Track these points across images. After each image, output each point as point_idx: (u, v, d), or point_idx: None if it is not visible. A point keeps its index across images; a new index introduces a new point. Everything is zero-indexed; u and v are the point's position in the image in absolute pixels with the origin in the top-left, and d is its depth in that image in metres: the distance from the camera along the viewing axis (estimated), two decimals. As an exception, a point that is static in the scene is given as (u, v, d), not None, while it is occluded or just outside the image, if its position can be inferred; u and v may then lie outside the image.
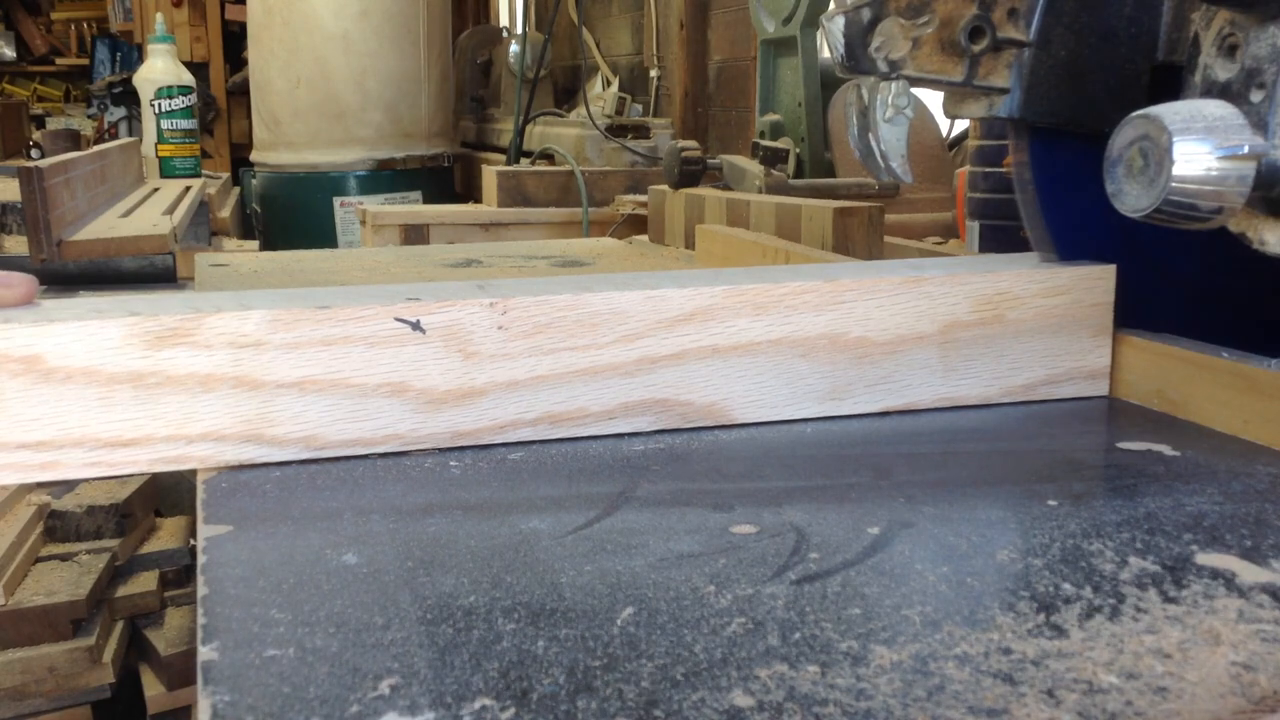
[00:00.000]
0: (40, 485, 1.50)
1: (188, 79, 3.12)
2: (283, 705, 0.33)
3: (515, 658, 0.36)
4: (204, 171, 3.19)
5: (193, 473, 0.53)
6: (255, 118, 3.39)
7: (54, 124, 5.17)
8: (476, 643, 0.37)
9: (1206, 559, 0.44)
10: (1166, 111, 0.49)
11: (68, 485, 1.52)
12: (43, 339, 0.49)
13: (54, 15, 6.52)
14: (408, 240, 1.99)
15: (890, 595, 0.41)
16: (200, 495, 0.50)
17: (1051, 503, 0.50)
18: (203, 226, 2.25)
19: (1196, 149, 0.48)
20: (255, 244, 2.52)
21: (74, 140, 3.47)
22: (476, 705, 0.33)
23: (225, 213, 2.65)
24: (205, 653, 0.36)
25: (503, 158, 2.90)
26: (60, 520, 1.48)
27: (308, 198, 3.15)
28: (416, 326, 0.54)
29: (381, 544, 0.45)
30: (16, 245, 1.63)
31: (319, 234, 3.02)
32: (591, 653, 0.36)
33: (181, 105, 3.05)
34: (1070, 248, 0.68)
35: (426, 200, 3.14)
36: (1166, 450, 0.57)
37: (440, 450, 0.56)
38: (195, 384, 0.51)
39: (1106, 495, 0.52)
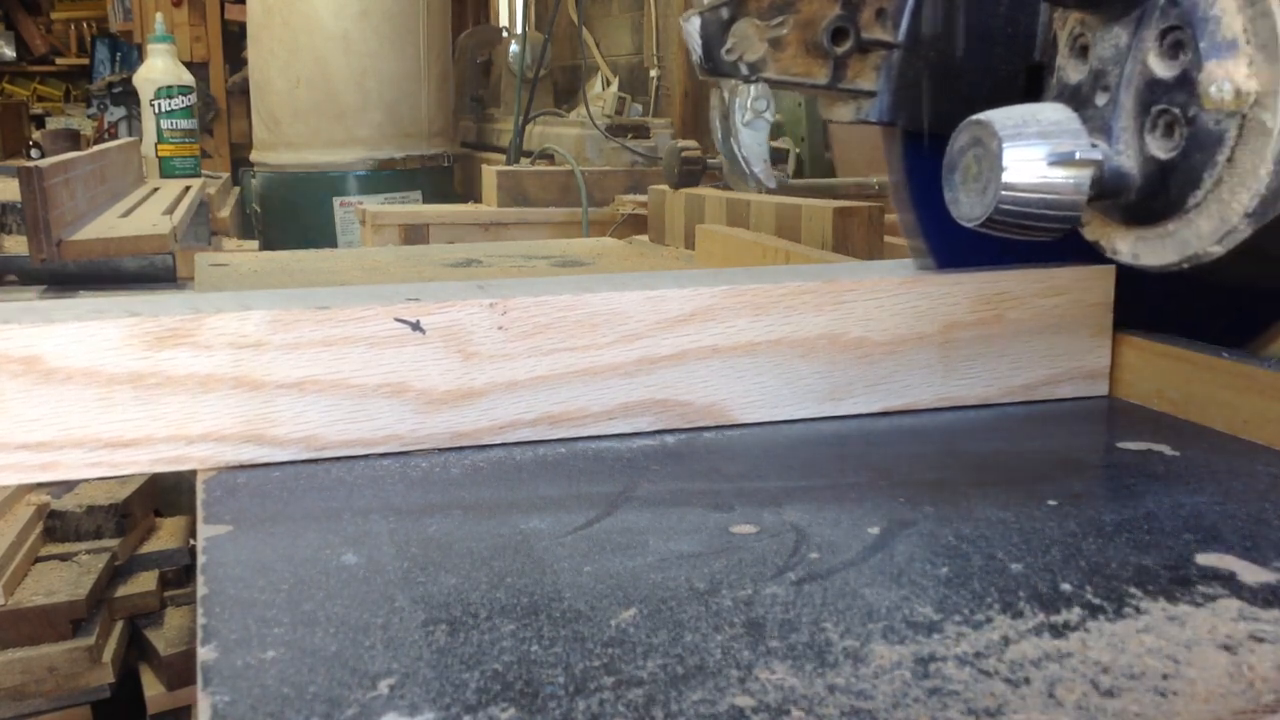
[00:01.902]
0: (40, 485, 1.50)
1: (188, 79, 3.12)
2: (282, 705, 0.33)
3: (515, 658, 0.36)
4: (204, 171, 3.20)
5: (193, 473, 0.53)
6: (255, 118, 3.39)
7: (54, 124, 5.17)
8: (476, 643, 0.37)
9: (1206, 559, 0.44)
10: (998, 116, 0.46)
11: (67, 485, 1.52)
12: (43, 339, 0.49)
13: (54, 15, 6.52)
14: (408, 240, 1.99)
15: (890, 595, 0.41)
16: (200, 495, 0.50)
17: (1051, 503, 0.50)
18: (203, 226, 2.25)
19: (1027, 155, 0.45)
20: (255, 244, 2.52)
21: (74, 140, 3.47)
22: (476, 705, 0.33)
23: (225, 213, 2.65)
24: (205, 653, 0.36)
25: (503, 158, 2.90)
26: (60, 520, 1.48)
27: (308, 198, 3.15)
28: (416, 327, 0.54)
29: (381, 544, 0.45)
30: (16, 245, 1.63)
31: (319, 234, 3.02)
32: (591, 653, 0.36)
33: (181, 105, 3.05)
34: (948, 255, 0.66)
35: (426, 200, 3.14)
36: (1166, 450, 0.57)
37: (440, 450, 0.56)
38: (195, 384, 0.51)
39: (1106, 495, 0.52)
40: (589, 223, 2.12)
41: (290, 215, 3.19)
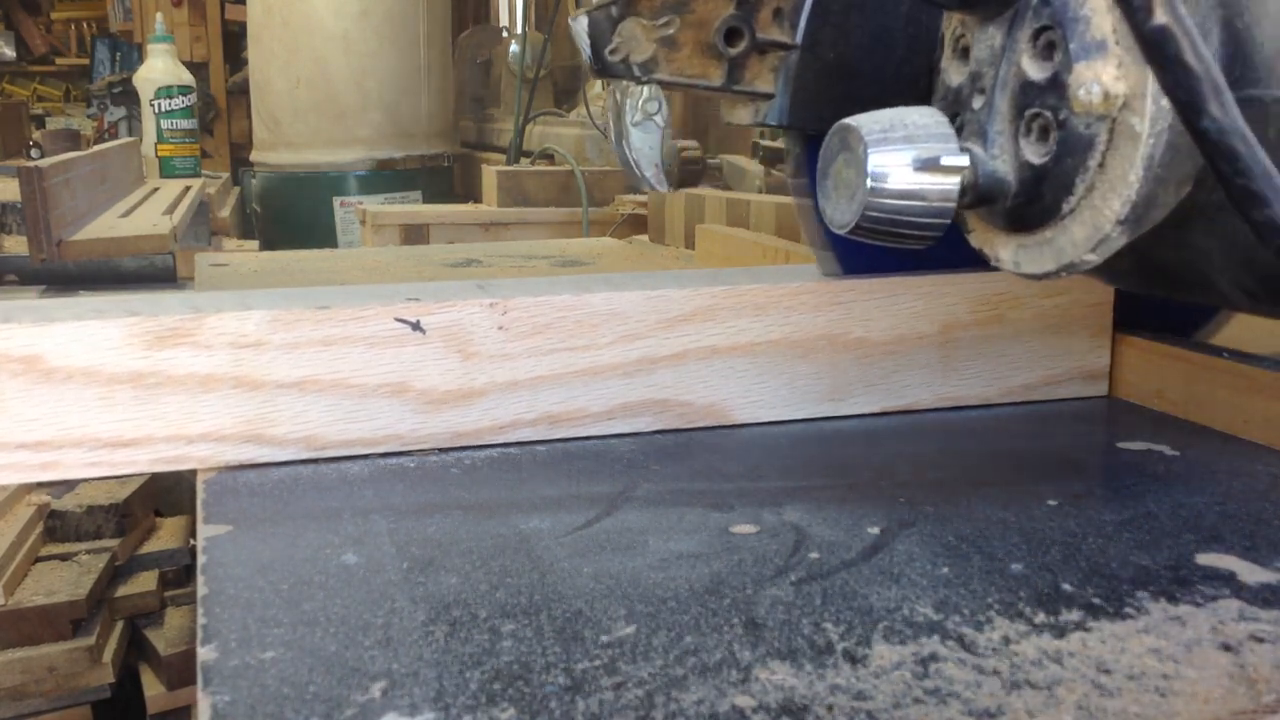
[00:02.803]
0: (40, 485, 1.50)
1: (187, 79, 3.12)
2: (282, 705, 0.33)
3: (515, 658, 0.36)
4: (204, 171, 3.20)
5: (193, 473, 0.53)
6: (255, 118, 3.39)
7: (54, 124, 5.17)
8: (476, 643, 0.37)
9: (1206, 559, 0.44)
10: (866, 120, 0.44)
11: (68, 485, 1.52)
12: (43, 339, 0.49)
13: (54, 15, 6.52)
14: (408, 240, 1.99)
15: (890, 595, 0.41)
16: (200, 495, 0.50)
17: (1051, 503, 0.50)
18: (203, 226, 2.25)
19: (893, 160, 0.43)
20: (255, 244, 2.52)
21: (74, 140, 3.47)
22: (476, 705, 0.33)
23: (225, 213, 2.65)
24: (205, 653, 0.36)
25: (503, 158, 2.90)
26: (60, 520, 1.48)
27: (308, 198, 3.15)
28: (416, 327, 0.54)
29: (381, 544, 0.45)
30: (16, 245, 1.63)
31: (319, 234, 3.02)
32: (591, 653, 0.36)
33: (181, 105, 3.05)
34: (854, 259, 0.65)
35: (426, 200, 3.14)
36: (1166, 450, 0.57)
37: (440, 450, 0.56)
38: (195, 384, 0.51)
39: (1106, 495, 0.52)
40: (589, 223, 2.12)
41: (290, 215, 3.19)
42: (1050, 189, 0.43)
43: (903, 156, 0.43)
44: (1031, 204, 0.44)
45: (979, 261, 0.48)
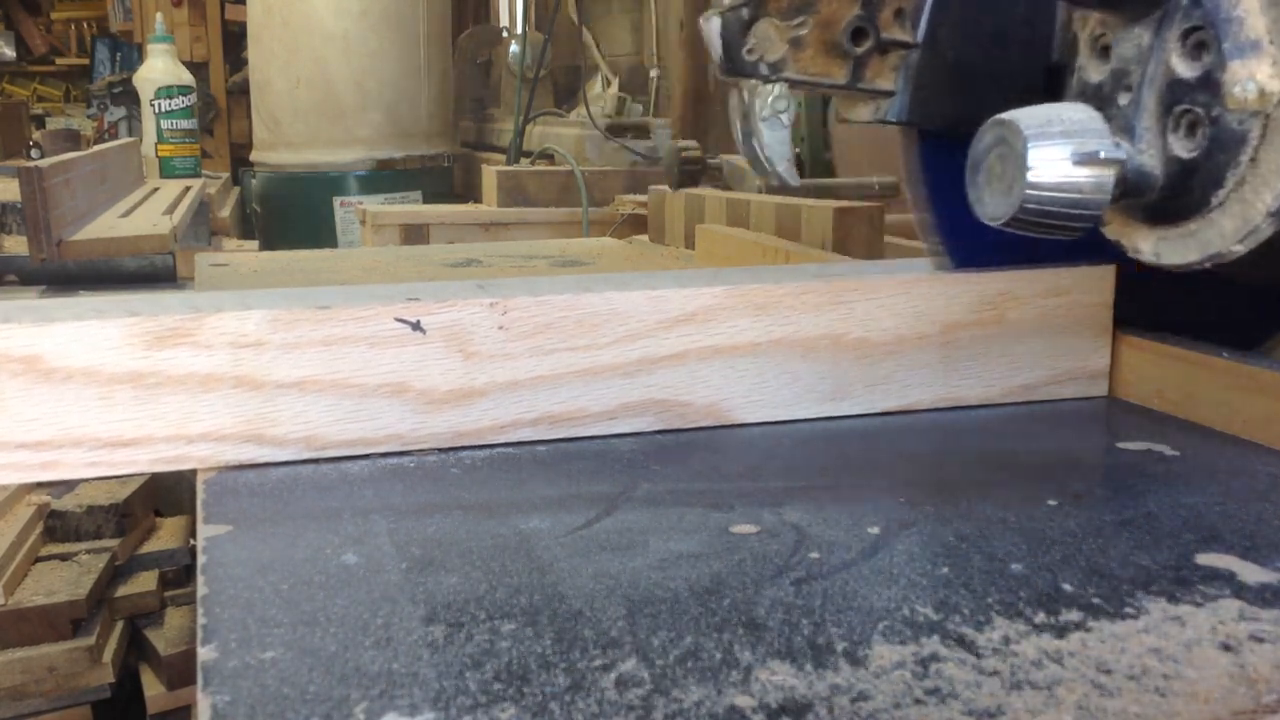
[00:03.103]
0: (40, 485, 1.50)
1: (187, 79, 3.12)
2: (283, 705, 0.33)
3: (515, 658, 0.36)
4: (204, 171, 3.20)
5: (193, 473, 0.53)
6: (255, 118, 3.39)
7: (54, 124, 5.17)
8: (476, 643, 0.37)
9: (1206, 559, 0.44)
10: (1023, 116, 0.46)
11: (68, 485, 1.52)
12: (43, 339, 0.49)
13: (54, 15, 6.52)
14: (408, 240, 1.99)
15: (890, 595, 0.41)
16: (200, 495, 0.50)
17: (1051, 503, 0.50)
18: (203, 226, 2.25)
19: (1052, 155, 0.45)
20: (255, 244, 2.52)
21: (74, 140, 3.47)
22: (476, 706, 0.33)
23: (225, 213, 2.65)
24: (205, 653, 0.36)
25: (503, 158, 2.90)
26: (60, 520, 1.48)
27: (308, 198, 3.15)
28: (417, 327, 0.54)
29: (381, 544, 0.45)
30: (16, 245, 1.63)
31: (319, 234, 3.02)
32: (591, 653, 0.36)
33: (181, 105, 3.05)
34: (964, 255, 0.66)
35: (426, 200, 3.14)
36: (1166, 450, 0.57)
37: (440, 450, 0.56)
38: (195, 384, 0.51)
39: (1106, 495, 0.52)
40: (589, 223, 2.12)
41: (290, 215, 3.19)
42: (1198, 182, 0.44)
43: (1061, 150, 0.45)
44: (1177, 197, 0.46)
45: (1074, 255, 0.50)
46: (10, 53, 6.43)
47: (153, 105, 3.04)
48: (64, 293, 1.53)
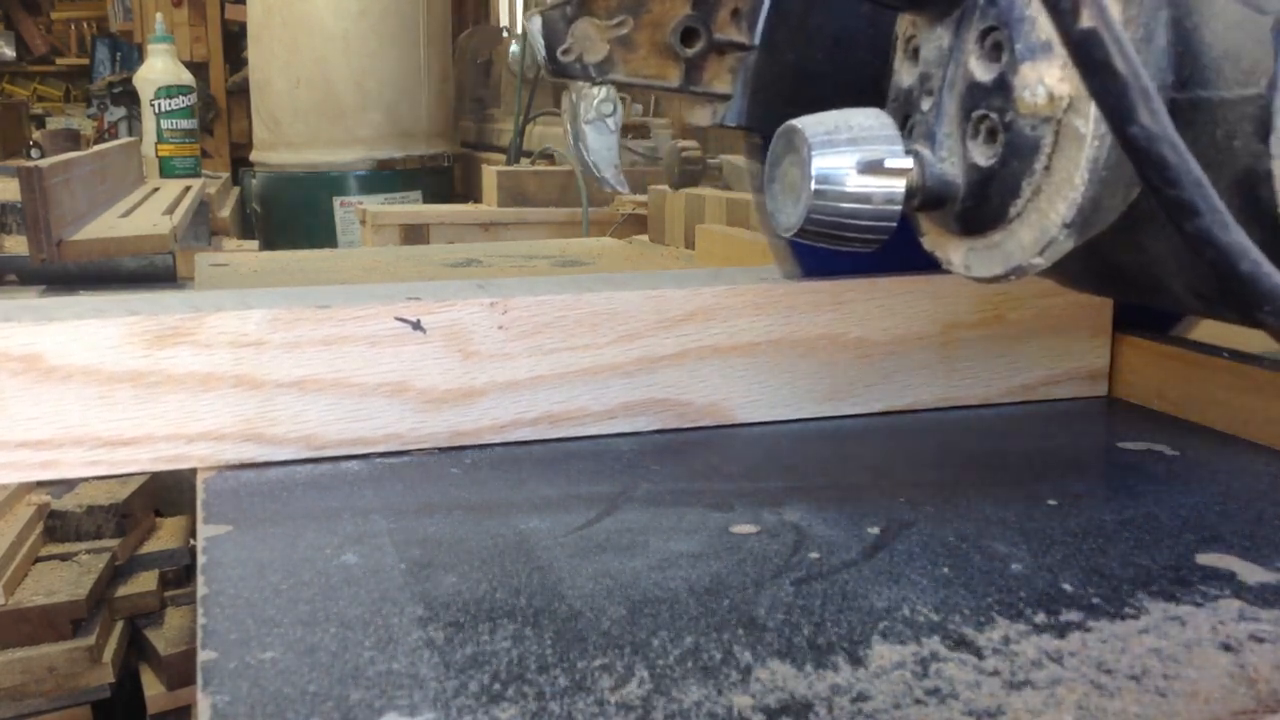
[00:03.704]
0: (40, 484, 1.50)
1: (187, 79, 3.12)
2: (283, 705, 0.33)
3: (515, 658, 0.36)
4: (204, 171, 3.20)
5: (193, 472, 0.53)
6: (255, 118, 3.39)
7: (54, 124, 5.17)
8: (476, 643, 0.37)
9: (1206, 559, 0.44)
10: (810, 123, 0.43)
11: (68, 485, 1.52)
12: (43, 338, 0.49)
13: (54, 15, 6.52)
14: (408, 240, 1.99)
15: (890, 595, 0.41)
16: (200, 495, 0.50)
17: (1051, 503, 0.50)
18: (203, 226, 2.25)
19: (837, 163, 0.42)
20: (255, 244, 2.52)
21: (74, 140, 3.47)
22: (476, 706, 0.33)
23: (225, 213, 2.65)
24: (205, 653, 0.36)
25: (503, 158, 2.90)
26: (60, 520, 1.48)
27: (308, 198, 3.15)
28: (417, 326, 0.54)
29: (381, 544, 0.45)
30: (16, 245, 1.63)
31: (319, 234, 3.02)
32: (591, 653, 0.36)
33: (181, 105, 3.05)
34: (814, 261, 0.64)
35: (426, 200, 3.14)
36: (1166, 450, 0.57)
37: (440, 450, 0.56)
38: (195, 383, 0.51)
39: (1106, 495, 0.52)
40: (589, 223, 2.12)
41: (290, 215, 3.19)
42: (997, 192, 0.42)
43: (847, 159, 0.42)
44: (980, 207, 0.43)
45: (935, 263, 0.48)
46: (10, 53, 6.43)
47: (153, 105, 3.04)
48: (64, 293, 1.53)
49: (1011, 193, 0.41)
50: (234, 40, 4.55)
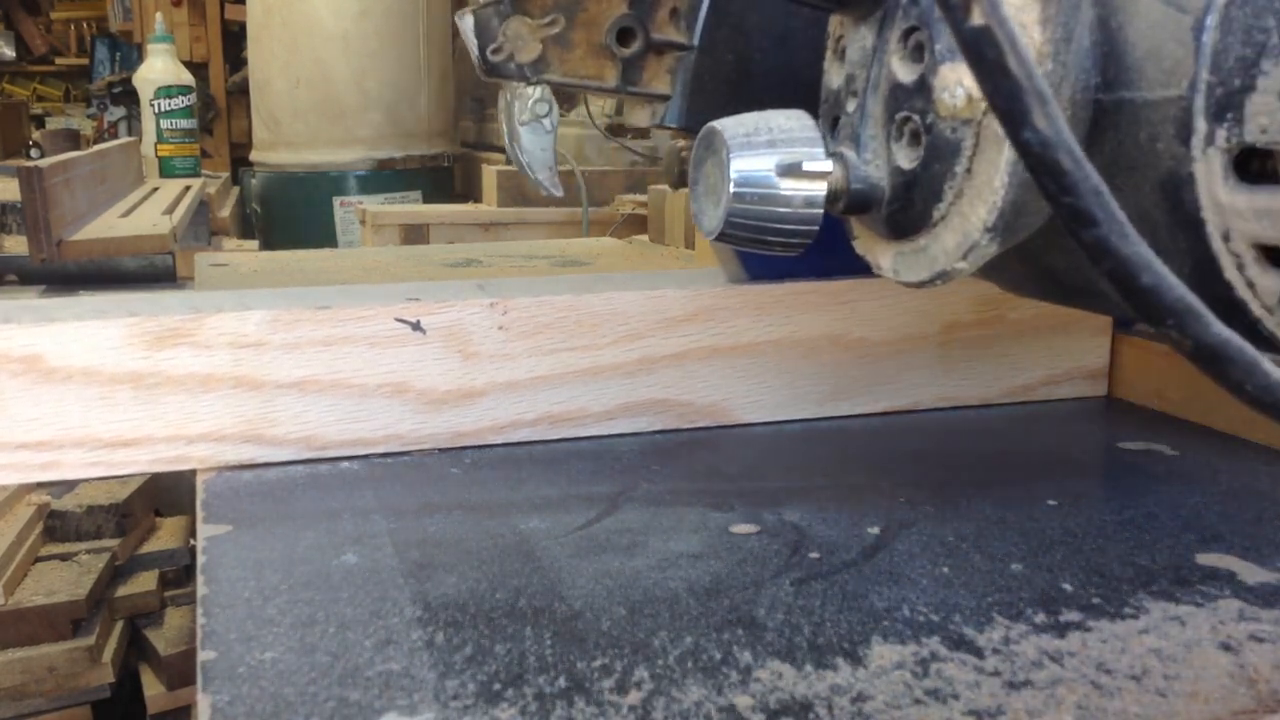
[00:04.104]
0: (40, 485, 1.50)
1: (187, 79, 3.12)
2: (283, 705, 0.33)
3: (515, 658, 0.36)
4: (204, 171, 3.19)
5: (193, 473, 0.53)
6: (255, 118, 3.39)
7: (54, 124, 5.17)
8: (475, 643, 0.37)
9: (1206, 559, 0.44)
10: (730, 124, 0.43)
11: (68, 485, 1.52)
12: (43, 339, 0.49)
13: (54, 15, 6.51)
14: (408, 240, 1.99)
15: (890, 595, 0.41)
16: (200, 495, 0.50)
17: (1051, 503, 0.50)
18: (202, 226, 2.24)
19: (756, 165, 0.41)
20: (255, 244, 2.52)
21: (74, 140, 3.47)
22: (476, 705, 0.33)
23: (225, 213, 2.65)
24: (205, 653, 0.36)
25: (503, 158, 2.89)
26: (60, 520, 1.48)
27: (308, 198, 3.15)
28: (417, 327, 0.54)
29: (381, 544, 0.45)
30: (16, 245, 1.63)
31: (319, 234, 3.02)
32: (591, 653, 0.36)
33: (181, 105, 3.05)
34: (758, 263, 0.63)
35: (426, 200, 3.14)
36: (1166, 450, 0.57)
37: (440, 450, 0.56)
38: (195, 384, 0.51)
39: (1106, 495, 0.52)
40: (589, 223, 2.12)
41: (290, 215, 3.19)
42: (921, 195, 0.41)
43: (766, 161, 0.42)
44: (905, 210, 0.42)
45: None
46: (10, 53, 6.43)
47: (152, 105, 3.03)
48: (64, 293, 1.53)
49: (934, 196, 0.40)
50: (234, 40, 4.55)
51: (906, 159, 0.41)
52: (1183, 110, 0.34)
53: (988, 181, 0.38)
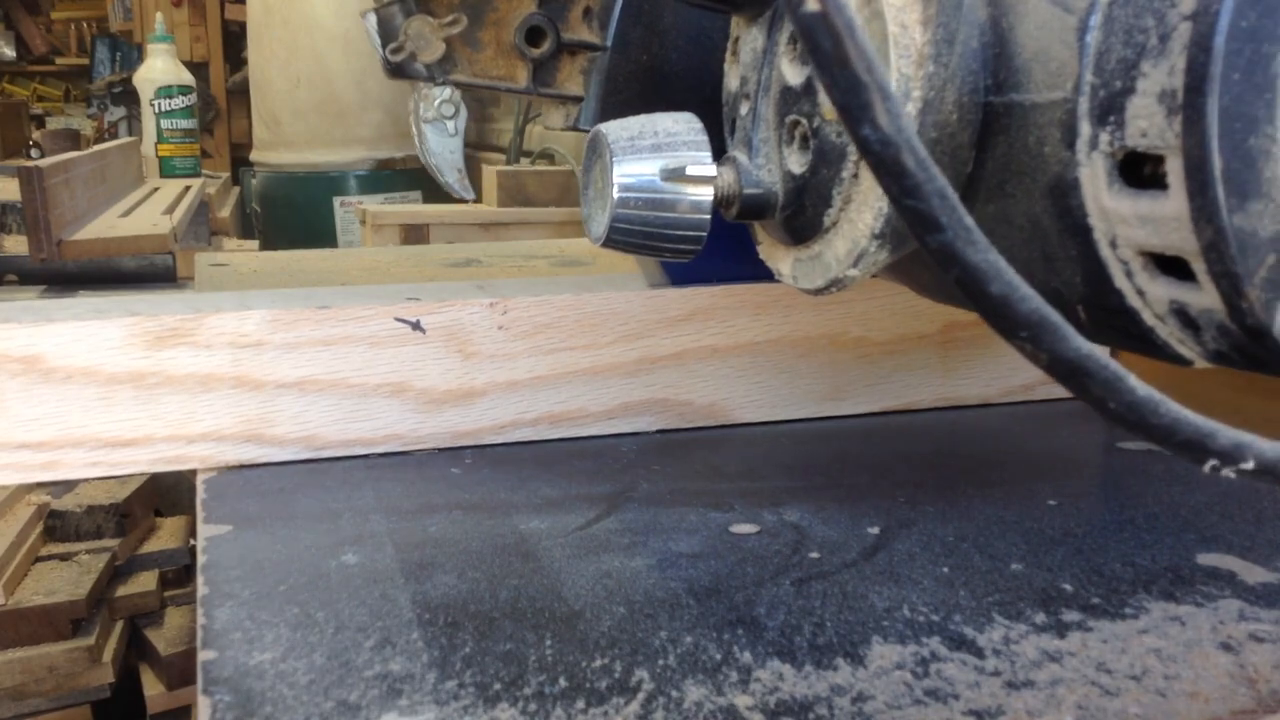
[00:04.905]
0: (40, 485, 1.50)
1: (187, 79, 3.12)
2: (282, 706, 0.33)
3: (515, 658, 0.36)
4: (204, 171, 3.19)
5: (193, 472, 0.53)
6: (255, 117, 3.39)
7: (54, 124, 5.17)
8: (476, 643, 0.37)
9: (1206, 559, 0.44)
10: (614, 127, 0.41)
11: (68, 485, 1.52)
12: (43, 339, 0.49)
13: (54, 15, 6.51)
14: (408, 240, 1.99)
15: (890, 595, 0.41)
16: (200, 495, 0.50)
17: (1051, 502, 0.50)
18: (203, 226, 2.24)
19: (639, 170, 0.40)
20: (255, 244, 2.52)
21: (74, 140, 3.46)
22: (476, 705, 0.33)
23: (225, 212, 2.65)
24: (205, 653, 0.36)
25: (503, 158, 2.90)
26: (60, 520, 1.48)
27: (308, 197, 3.15)
28: (417, 326, 0.54)
29: (381, 544, 0.45)
30: (16, 245, 1.63)
31: (319, 234, 3.02)
32: (590, 653, 0.36)
33: (181, 105, 3.05)
34: (678, 267, 0.61)
35: (426, 200, 3.14)
36: (1166, 450, 0.57)
37: (440, 450, 0.56)
38: (195, 384, 0.51)
39: (1106, 495, 0.52)
40: (589, 223, 2.11)
41: (290, 215, 3.19)
42: (812, 201, 0.40)
43: (650, 165, 0.40)
44: (798, 216, 0.41)
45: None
46: (10, 53, 6.43)
47: (153, 105, 3.03)
48: (64, 293, 1.53)
49: (824, 202, 0.39)
50: (234, 40, 4.55)
51: (797, 163, 0.40)
52: (1068, 113, 0.33)
53: (873, 187, 0.37)
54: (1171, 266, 0.31)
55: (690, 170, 0.40)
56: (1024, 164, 0.35)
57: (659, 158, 0.40)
